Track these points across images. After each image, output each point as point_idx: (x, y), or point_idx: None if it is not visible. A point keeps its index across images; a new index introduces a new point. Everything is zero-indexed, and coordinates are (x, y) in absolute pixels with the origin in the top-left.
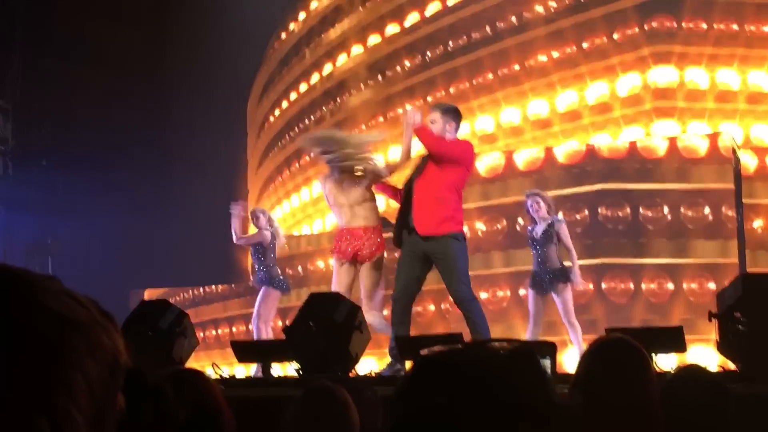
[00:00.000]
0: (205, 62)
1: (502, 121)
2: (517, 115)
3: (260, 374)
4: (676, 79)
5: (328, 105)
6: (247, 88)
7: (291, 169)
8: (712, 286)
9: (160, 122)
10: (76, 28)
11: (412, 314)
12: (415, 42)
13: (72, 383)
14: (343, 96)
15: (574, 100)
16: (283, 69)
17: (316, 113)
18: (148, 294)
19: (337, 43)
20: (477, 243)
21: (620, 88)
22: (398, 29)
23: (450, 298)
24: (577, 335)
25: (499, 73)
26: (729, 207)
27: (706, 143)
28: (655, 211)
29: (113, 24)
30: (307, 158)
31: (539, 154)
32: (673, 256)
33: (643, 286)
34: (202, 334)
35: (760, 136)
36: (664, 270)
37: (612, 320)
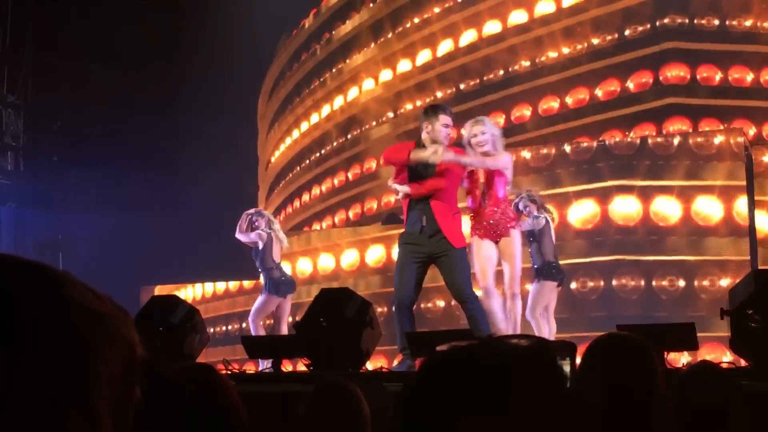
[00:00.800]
0: (216, 58)
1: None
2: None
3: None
4: None
5: (339, 101)
6: (257, 84)
7: (302, 166)
8: (724, 283)
9: (170, 118)
10: (88, 26)
11: (423, 309)
12: (425, 39)
13: (99, 375)
14: (354, 93)
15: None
16: (294, 65)
17: (326, 110)
18: (159, 290)
19: (349, 39)
20: None
21: None
22: (409, 24)
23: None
24: (541, 332)
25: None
26: (741, 204)
27: (718, 140)
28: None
29: (124, 21)
30: (318, 155)
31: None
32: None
33: (654, 283)
34: (212, 331)
35: None
36: (676, 267)
37: (622, 317)
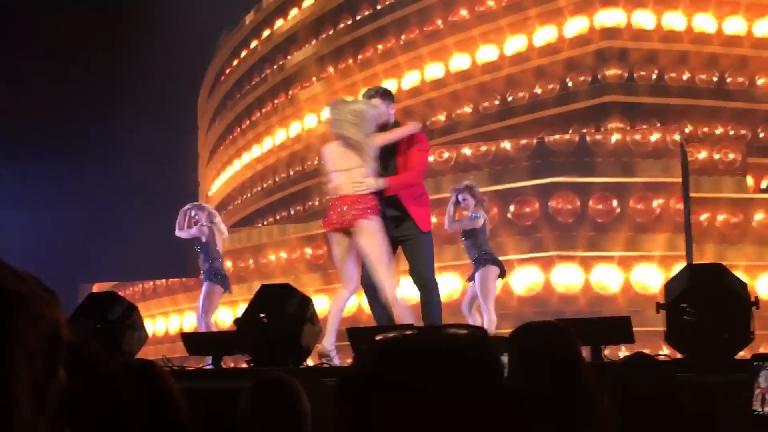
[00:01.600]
0: (156, 54)
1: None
2: None
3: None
4: None
5: (280, 98)
6: (198, 80)
7: (242, 161)
8: (661, 278)
9: (109, 115)
10: (24, 20)
11: (364, 306)
12: (368, 35)
13: (11, 355)
14: (294, 88)
15: None
16: (234, 61)
17: (267, 105)
18: (97, 288)
19: (289, 36)
20: None
21: None
22: (350, 21)
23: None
24: (488, 325)
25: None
26: (677, 200)
27: (654, 137)
28: (605, 204)
29: (60, 15)
30: (259, 151)
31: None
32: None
33: (592, 279)
34: (152, 328)
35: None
36: (614, 262)
37: (560, 313)
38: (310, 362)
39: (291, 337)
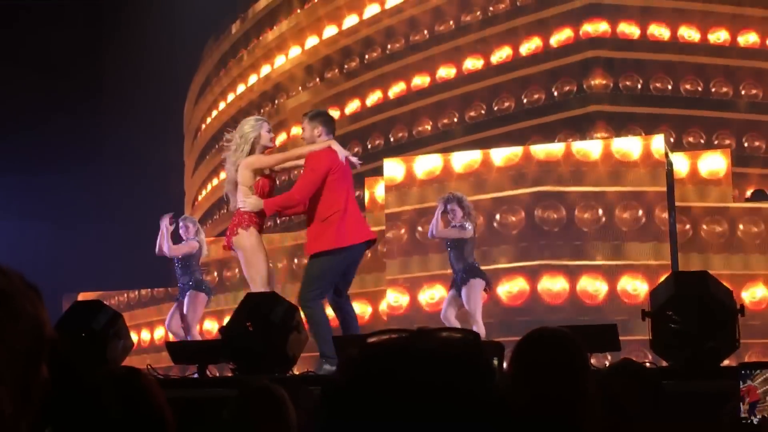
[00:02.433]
0: (141, 65)
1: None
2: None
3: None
4: None
5: (266, 107)
6: (183, 90)
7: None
8: (646, 287)
9: (94, 125)
10: (11, 31)
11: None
12: (353, 44)
13: None
14: (280, 98)
15: None
16: (221, 71)
17: (252, 116)
18: (82, 297)
19: (275, 45)
20: (417, 245)
21: None
22: (336, 31)
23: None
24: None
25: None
26: (662, 209)
27: (639, 146)
28: (591, 213)
29: (49, 27)
30: None
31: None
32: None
33: (578, 288)
34: (137, 338)
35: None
36: (600, 271)
37: (547, 322)
38: (295, 371)
39: (277, 345)
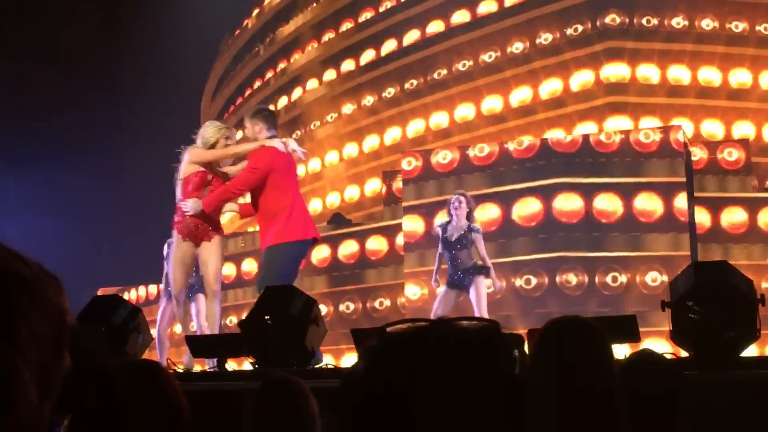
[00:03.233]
0: (158, 59)
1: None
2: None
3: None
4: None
5: (282, 101)
6: (200, 84)
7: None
8: (665, 278)
9: (111, 121)
10: (28, 27)
11: (369, 308)
12: (369, 38)
13: (19, 337)
14: (296, 92)
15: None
16: (237, 65)
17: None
18: (101, 292)
19: (292, 39)
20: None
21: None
22: (352, 25)
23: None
24: None
25: (453, 70)
26: (681, 200)
27: (658, 137)
28: (610, 205)
29: (65, 23)
30: None
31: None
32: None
33: (597, 279)
34: (156, 332)
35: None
36: (618, 263)
37: (565, 313)
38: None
39: (295, 338)
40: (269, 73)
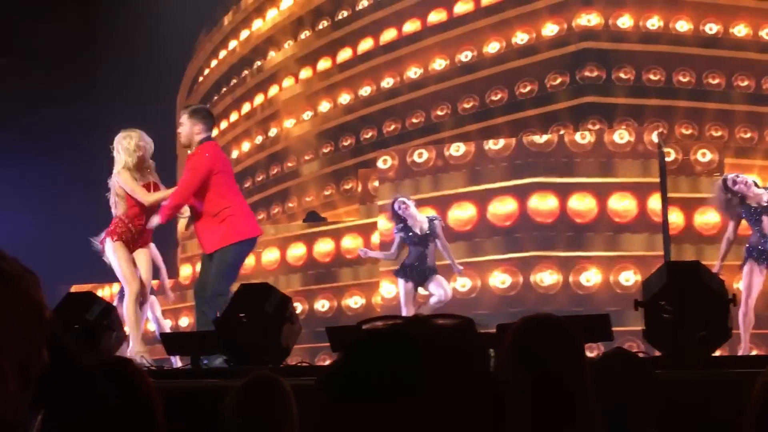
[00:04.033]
0: (134, 55)
1: None
2: None
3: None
4: None
5: (258, 99)
6: (177, 82)
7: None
8: (639, 278)
9: (85, 116)
10: (2, 22)
11: (344, 307)
12: (346, 36)
13: (2, 335)
14: (272, 89)
15: None
16: (213, 62)
17: (245, 107)
18: (75, 289)
19: (268, 37)
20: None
21: None
22: (329, 23)
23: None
24: None
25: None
26: (655, 200)
27: (632, 138)
28: (584, 204)
29: (40, 19)
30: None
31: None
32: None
33: (571, 278)
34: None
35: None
36: (592, 262)
37: (539, 312)
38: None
39: (270, 336)
40: (245, 71)
